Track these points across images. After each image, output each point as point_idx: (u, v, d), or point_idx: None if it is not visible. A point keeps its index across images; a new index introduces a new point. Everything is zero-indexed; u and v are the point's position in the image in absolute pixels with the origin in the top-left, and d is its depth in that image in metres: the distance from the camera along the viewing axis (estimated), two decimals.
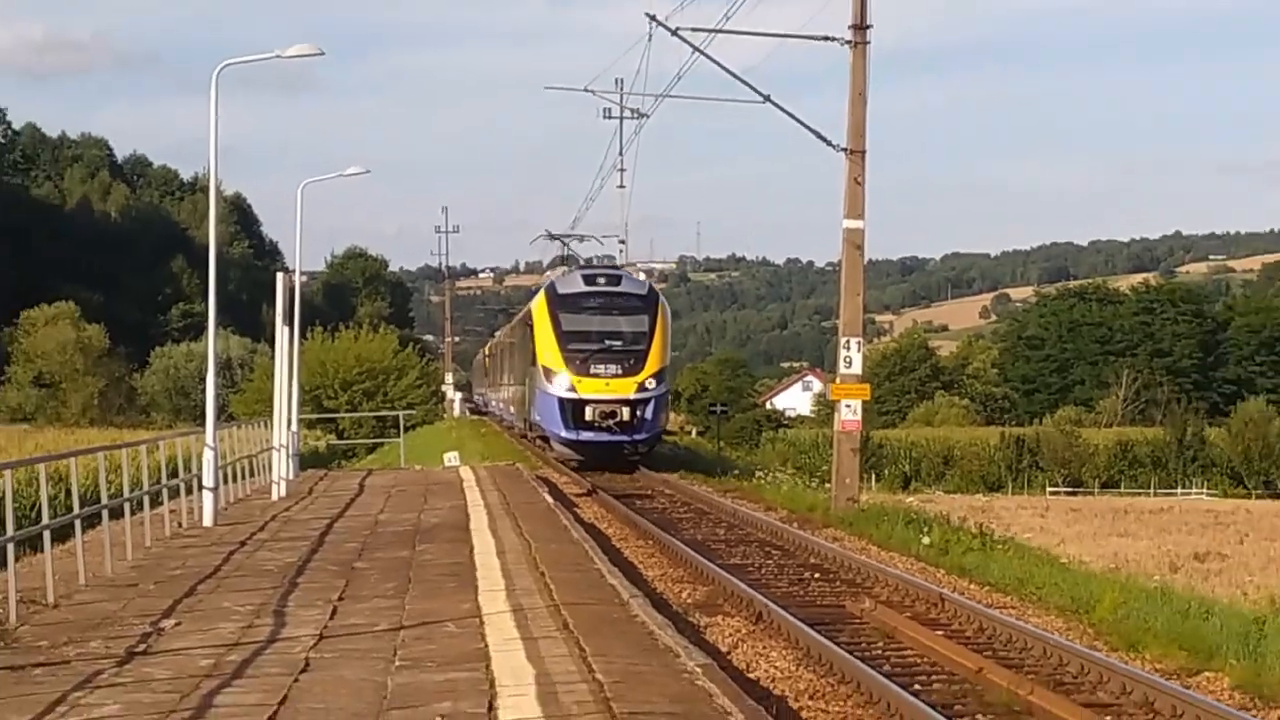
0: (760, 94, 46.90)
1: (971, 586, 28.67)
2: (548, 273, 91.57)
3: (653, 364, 51.77)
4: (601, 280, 53.98)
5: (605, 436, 51.21)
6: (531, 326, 55.55)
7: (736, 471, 66.95)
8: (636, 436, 52.15)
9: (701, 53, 47.15)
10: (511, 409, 78.79)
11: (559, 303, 53.29)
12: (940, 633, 22.82)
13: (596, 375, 50.56)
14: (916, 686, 18.81)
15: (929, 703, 17.54)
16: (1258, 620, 24.41)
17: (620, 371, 51.00)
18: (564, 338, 51.87)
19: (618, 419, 50.65)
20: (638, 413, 51.20)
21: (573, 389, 50.74)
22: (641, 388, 50.92)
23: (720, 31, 47.32)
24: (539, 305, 54.47)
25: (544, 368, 52.02)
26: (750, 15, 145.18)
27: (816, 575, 29.74)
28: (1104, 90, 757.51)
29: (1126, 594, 27.63)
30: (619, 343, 51.79)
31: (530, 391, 57.73)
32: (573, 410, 50.90)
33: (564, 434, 51.86)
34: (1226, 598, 36.16)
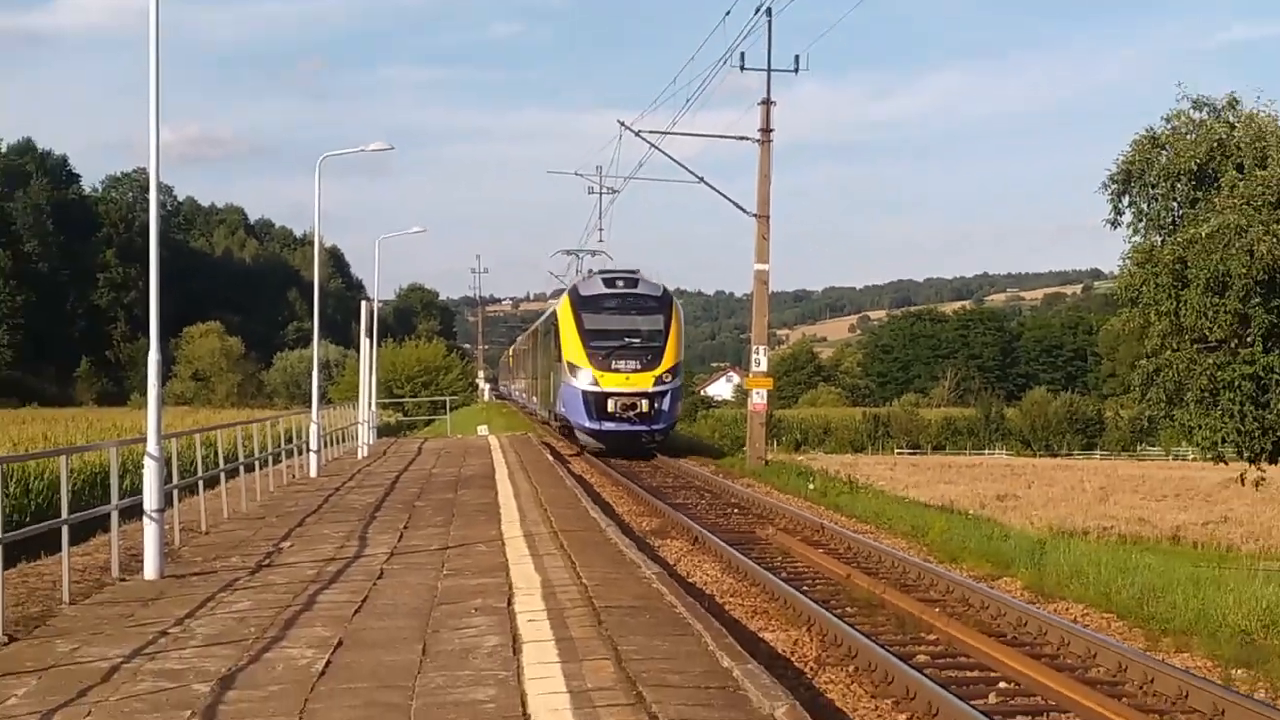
0: (696, 176, 47.53)
1: (842, 518, 28.72)
2: (551, 300, 77.66)
3: (668, 359, 43.33)
4: (620, 283, 44.79)
5: (625, 427, 42.75)
6: (556, 326, 46.05)
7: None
8: (654, 426, 43.70)
9: (656, 147, 47.51)
10: (534, 399, 68.64)
11: (582, 304, 44.28)
12: (820, 550, 22.96)
13: (617, 370, 42.49)
14: (804, 587, 18.87)
15: (813, 598, 17.65)
16: (1040, 541, 24.51)
17: (639, 366, 42.78)
18: (587, 336, 43.13)
19: (637, 410, 42.34)
20: (655, 404, 42.94)
21: (595, 383, 42.37)
22: (659, 381, 42.83)
23: (668, 133, 47.87)
24: (563, 307, 45.13)
25: (569, 363, 43.32)
26: (693, 119, 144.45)
27: (735, 511, 29.79)
28: (932, 171, 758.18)
29: (950, 523, 27.72)
30: (637, 340, 43.16)
31: (555, 385, 47.99)
32: (595, 403, 42.48)
33: (587, 424, 43.27)
34: (1019, 525, 36.30)
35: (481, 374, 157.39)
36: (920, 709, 12.17)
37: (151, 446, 16.81)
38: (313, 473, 35.07)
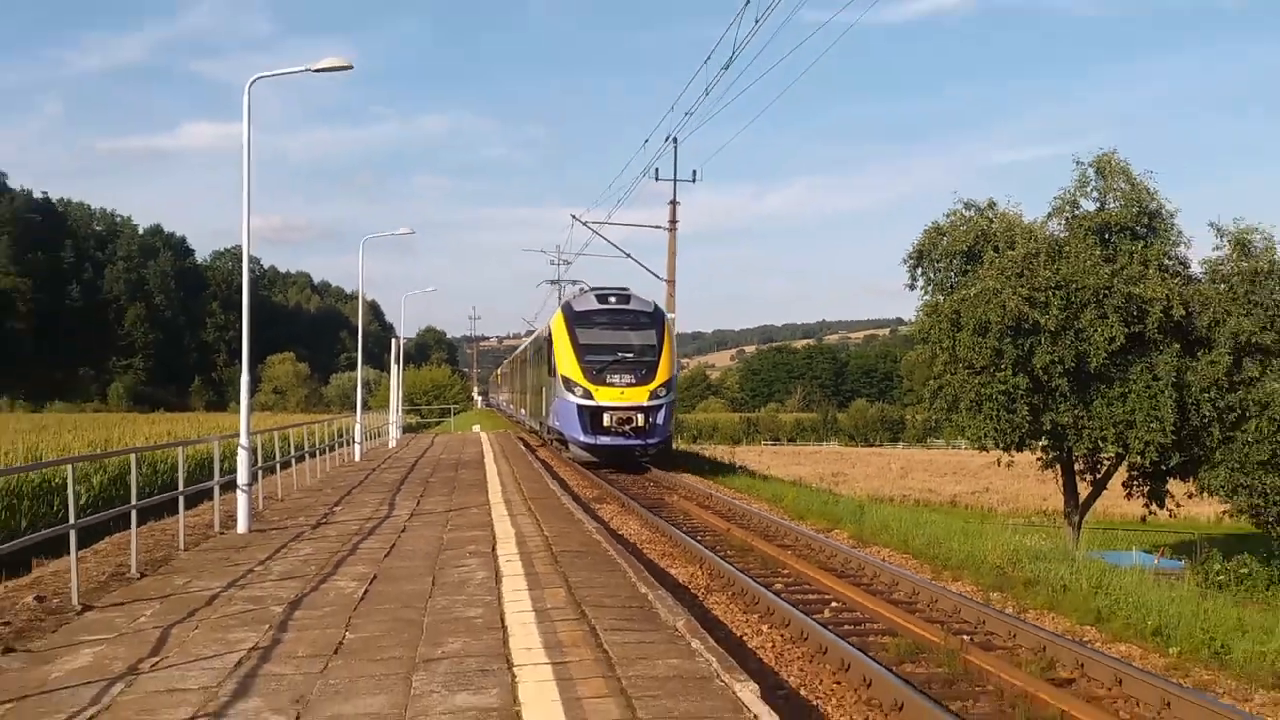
0: (624, 253, 47.67)
1: (724, 489, 28.67)
2: (532, 327, 69.25)
3: (662, 374, 32.71)
4: (613, 299, 34.38)
5: (621, 441, 32.14)
6: (550, 342, 35.07)
7: None
8: (649, 440, 32.79)
9: (597, 233, 47.22)
10: (523, 411, 54.58)
11: (575, 319, 33.69)
12: (709, 511, 22.85)
13: (612, 385, 32.26)
14: (697, 536, 18.84)
15: (704, 544, 17.62)
16: (860, 505, 24.58)
17: (634, 381, 32.32)
18: (581, 351, 32.76)
19: (633, 425, 31.95)
20: (650, 419, 32.30)
21: (590, 397, 32.04)
22: (654, 395, 32.31)
23: (605, 223, 48.55)
24: (557, 322, 34.46)
25: (563, 378, 32.86)
26: (623, 213, 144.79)
27: (650, 484, 29.65)
28: (790, 248, 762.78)
29: (799, 493, 27.78)
30: (631, 355, 32.66)
31: (548, 399, 36.35)
32: (591, 417, 32.03)
33: (582, 438, 32.46)
34: (846, 494, 36.42)
35: (475, 389, 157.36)
36: (778, 621, 12.22)
37: (243, 439, 17.03)
38: (357, 458, 34.80)
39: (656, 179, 43.08)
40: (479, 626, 9.51)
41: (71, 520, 11.04)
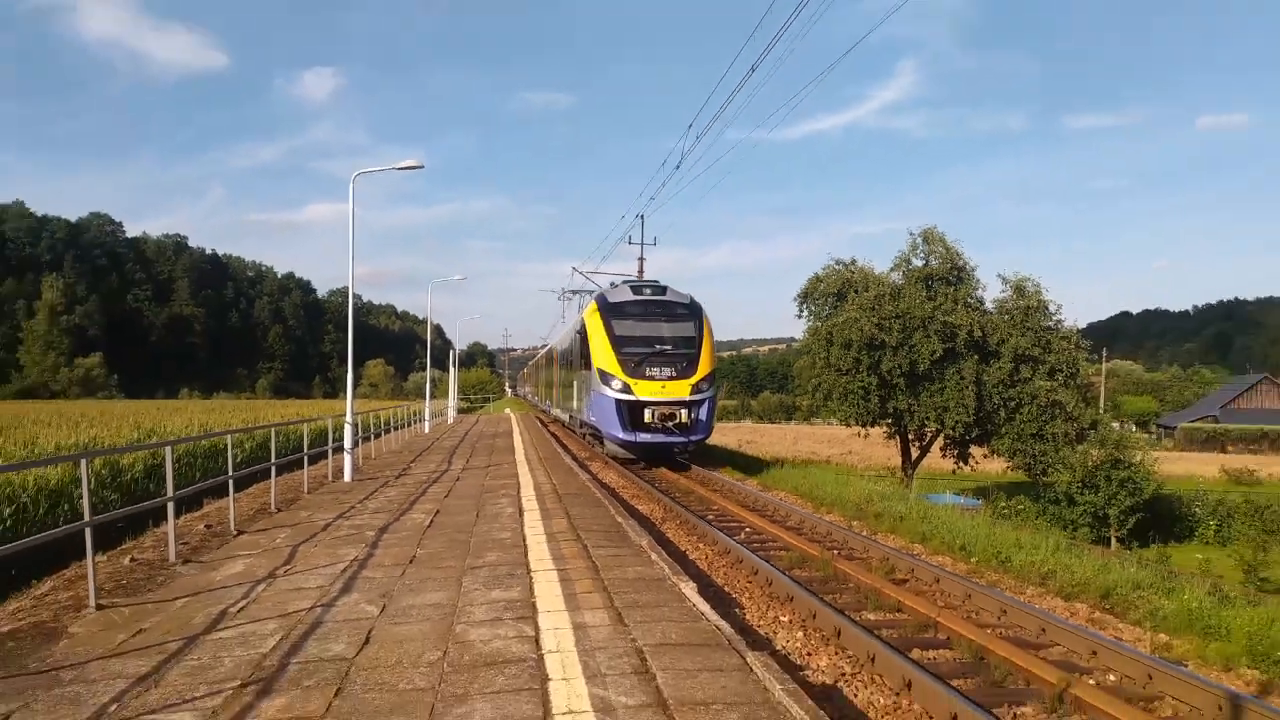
0: None
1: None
2: (558, 326, 52.92)
3: (703, 367, 21.37)
4: (648, 290, 23.09)
5: (661, 438, 20.90)
6: (584, 334, 23.01)
7: None
8: (692, 437, 21.22)
9: (590, 279, 46.46)
10: (553, 406, 37.97)
11: (610, 310, 22.14)
12: (680, 477, 22.25)
13: (651, 378, 21.00)
14: (658, 485, 18.73)
15: (660, 490, 17.41)
16: (766, 462, 24.50)
17: (674, 374, 21.07)
18: (618, 342, 21.44)
19: (675, 420, 20.75)
20: (693, 414, 21.00)
21: (628, 390, 20.83)
22: (696, 389, 21.01)
23: (595, 272, 47.39)
24: (591, 314, 22.66)
25: (599, 371, 21.44)
26: (609, 265, 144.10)
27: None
28: (721, 291, 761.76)
29: (725, 454, 27.65)
30: (669, 347, 21.40)
31: (583, 393, 24.10)
32: (630, 412, 20.84)
33: (620, 435, 21.02)
34: (756, 454, 36.33)
35: (507, 384, 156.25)
36: (710, 541, 12.19)
37: (349, 417, 16.77)
38: (426, 430, 34.48)
39: (630, 243, 43.24)
40: (507, 544, 9.46)
41: (230, 473, 10.93)
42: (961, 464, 27.77)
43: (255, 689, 5.12)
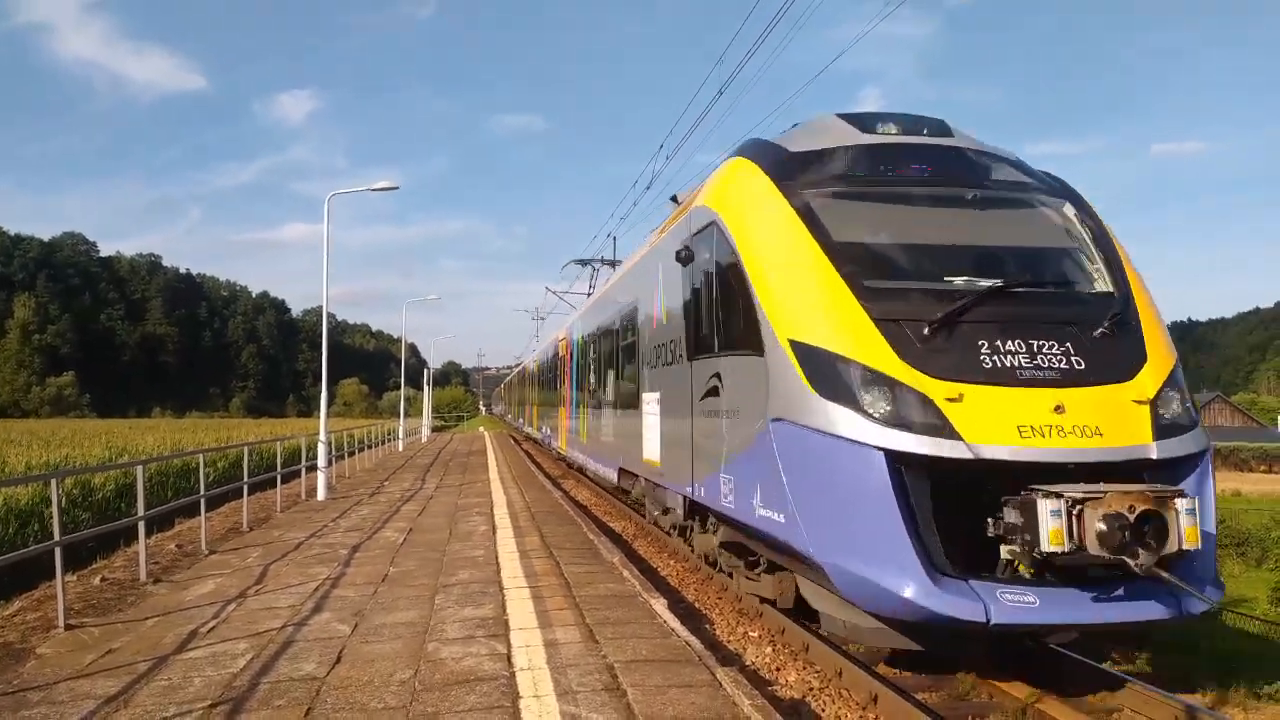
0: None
1: None
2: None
3: (1158, 348, 5.56)
4: (925, 130, 6.73)
5: (1091, 599, 4.77)
6: (725, 271, 6.90)
7: None
8: (1187, 600, 4.80)
9: (562, 299, 46.69)
10: (520, 420, 36.67)
11: (818, 183, 6.29)
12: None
13: (1011, 381, 5.08)
14: (643, 512, 18.69)
15: (630, 506, 17.41)
16: None
17: (1079, 367, 5.11)
18: (865, 267, 5.59)
19: (1146, 536, 4.49)
20: (1179, 508, 4.58)
21: (945, 425, 4.95)
22: (1162, 416, 5.06)
23: (568, 292, 46.84)
24: (740, 201, 6.67)
25: (817, 348, 5.48)
26: (580, 286, 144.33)
27: None
28: None
29: None
30: (1036, 291, 5.67)
31: (709, 431, 7.62)
32: (948, 501, 5.09)
33: (907, 589, 4.96)
34: None
35: (481, 403, 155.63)
36: (681, 557, 12.16)
37: (322, 436, 16.70)
38: (400, 449, 34.22)
39: (601, 264, 43.06)
40: (480, 562, 9.40)
41: (202, 492, 10.78)
42: None
43: (225, 709, 5.04)
